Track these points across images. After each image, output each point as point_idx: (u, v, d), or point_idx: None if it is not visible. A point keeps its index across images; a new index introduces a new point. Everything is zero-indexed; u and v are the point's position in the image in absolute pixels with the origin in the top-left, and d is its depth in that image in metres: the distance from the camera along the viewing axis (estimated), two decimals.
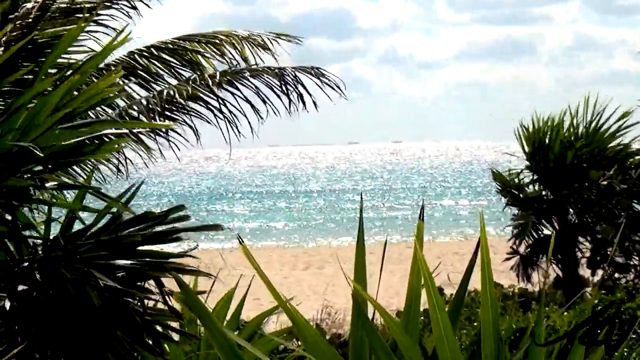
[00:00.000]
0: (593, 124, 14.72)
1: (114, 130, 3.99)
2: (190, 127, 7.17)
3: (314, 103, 7.51)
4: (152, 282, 3.84)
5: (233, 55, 7.63)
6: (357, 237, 3.29)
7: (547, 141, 14.81)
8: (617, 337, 2.92)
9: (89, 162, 6.05)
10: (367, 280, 3.41)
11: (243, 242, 3.18)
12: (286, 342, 4.16)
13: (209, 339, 3.04)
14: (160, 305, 3.89)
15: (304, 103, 7.46)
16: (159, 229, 3.97)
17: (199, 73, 7.33)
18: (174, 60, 7.58)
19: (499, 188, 15.17)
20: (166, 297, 3.78)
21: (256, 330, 4.34)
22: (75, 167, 6.21)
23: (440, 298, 3.08)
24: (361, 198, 3.44)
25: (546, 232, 15.00)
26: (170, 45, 7.63)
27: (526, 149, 15.08)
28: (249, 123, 7.25)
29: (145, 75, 7.48)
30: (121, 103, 6.99)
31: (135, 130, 6.58)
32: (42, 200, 4.12)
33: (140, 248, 3.86)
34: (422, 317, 3.49)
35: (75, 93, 3.94)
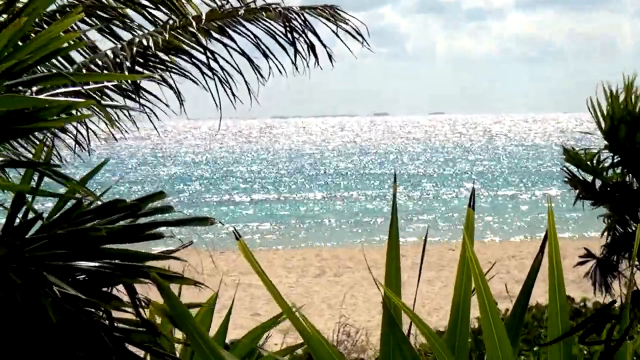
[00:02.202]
0: None
1: (73, 88, 3.93)
2: (172, 87, 7.02)
3: (329, 56, 7.25)
4: (121, 287, 3.84)
5: None
6: (390, 230, 3.26)
7: (637, 111, 14.72)
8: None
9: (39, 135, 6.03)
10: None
11: (241, 237, 3.16)
12: None
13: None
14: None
15: (315, 56, 7.20)
16: (130, 221, 3.97)
17: (181, 17, 7.19)
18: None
19: (568, 177, 15.10)
20: (139, 307, 3.79)
21: (253, 348, 4.32)
22: (20, 140, 6.22)
23: (496, 310, 3.07)
24: (394, 181, 3.41)
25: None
26: None
27: (603, 124, 15.00)
28: (247, 84, 7.02)
29: (110, 19, 7.41)
30: (79, 58, 6.92)
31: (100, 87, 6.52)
32: None
33: (109, 246, 3.86)
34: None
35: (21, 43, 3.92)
